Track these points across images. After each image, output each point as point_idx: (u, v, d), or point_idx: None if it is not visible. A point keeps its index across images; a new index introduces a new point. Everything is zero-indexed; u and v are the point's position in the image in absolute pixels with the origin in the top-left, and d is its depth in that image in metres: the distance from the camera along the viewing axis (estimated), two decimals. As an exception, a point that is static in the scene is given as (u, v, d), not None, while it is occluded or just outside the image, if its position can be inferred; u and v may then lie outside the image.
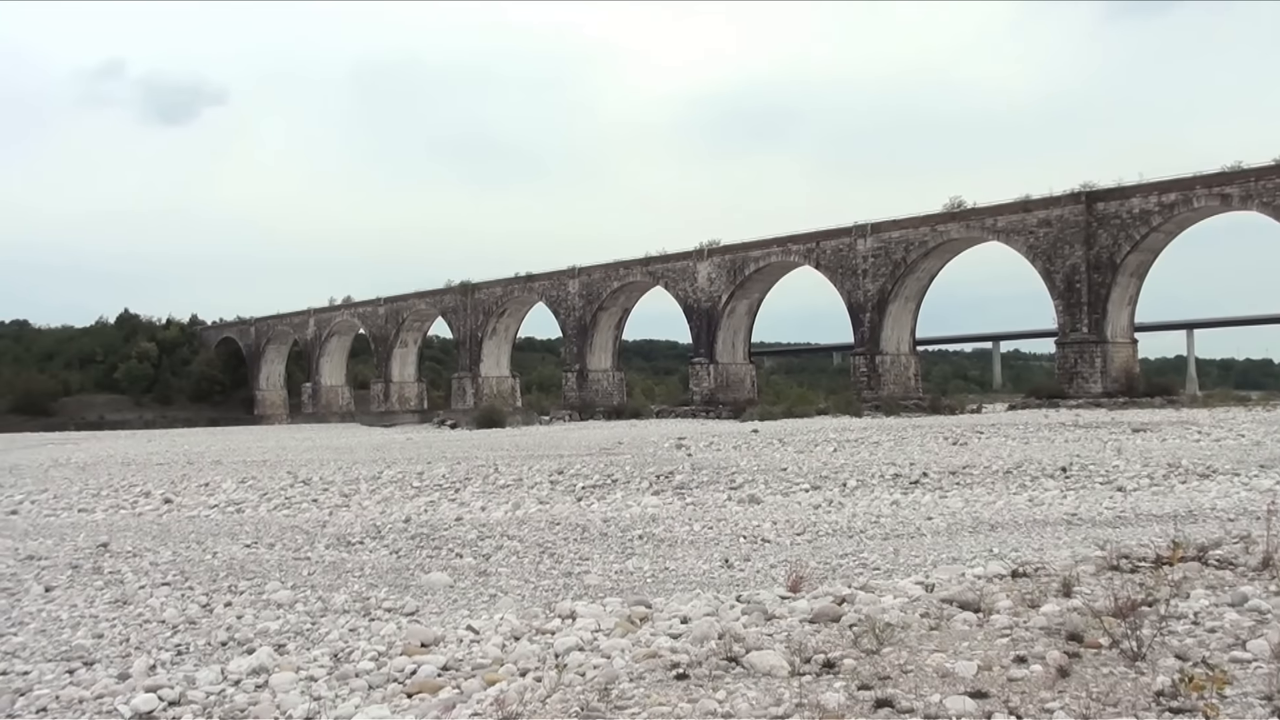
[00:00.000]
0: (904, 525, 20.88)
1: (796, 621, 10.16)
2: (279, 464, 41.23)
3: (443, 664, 10.33)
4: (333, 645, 12.00)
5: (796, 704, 7.44)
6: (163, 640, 13.21)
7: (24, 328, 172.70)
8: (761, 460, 33.11)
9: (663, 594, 14.10)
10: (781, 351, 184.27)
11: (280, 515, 26.52)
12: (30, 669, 11.97)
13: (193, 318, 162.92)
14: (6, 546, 22.05)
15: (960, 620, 9.51)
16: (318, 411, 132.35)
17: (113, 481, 36.52)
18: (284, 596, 15.66)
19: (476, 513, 25.57)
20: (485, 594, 15.64)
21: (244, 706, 9.67)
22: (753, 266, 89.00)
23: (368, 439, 68.04)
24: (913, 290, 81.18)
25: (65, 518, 27.57)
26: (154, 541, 22.17)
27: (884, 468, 29.61)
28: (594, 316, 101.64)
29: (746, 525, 21.68)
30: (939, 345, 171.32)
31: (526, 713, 7.95)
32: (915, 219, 79.07)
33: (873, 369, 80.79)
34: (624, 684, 8.34)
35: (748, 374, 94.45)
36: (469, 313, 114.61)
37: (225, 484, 33.61)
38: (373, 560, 19.25)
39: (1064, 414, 53.77)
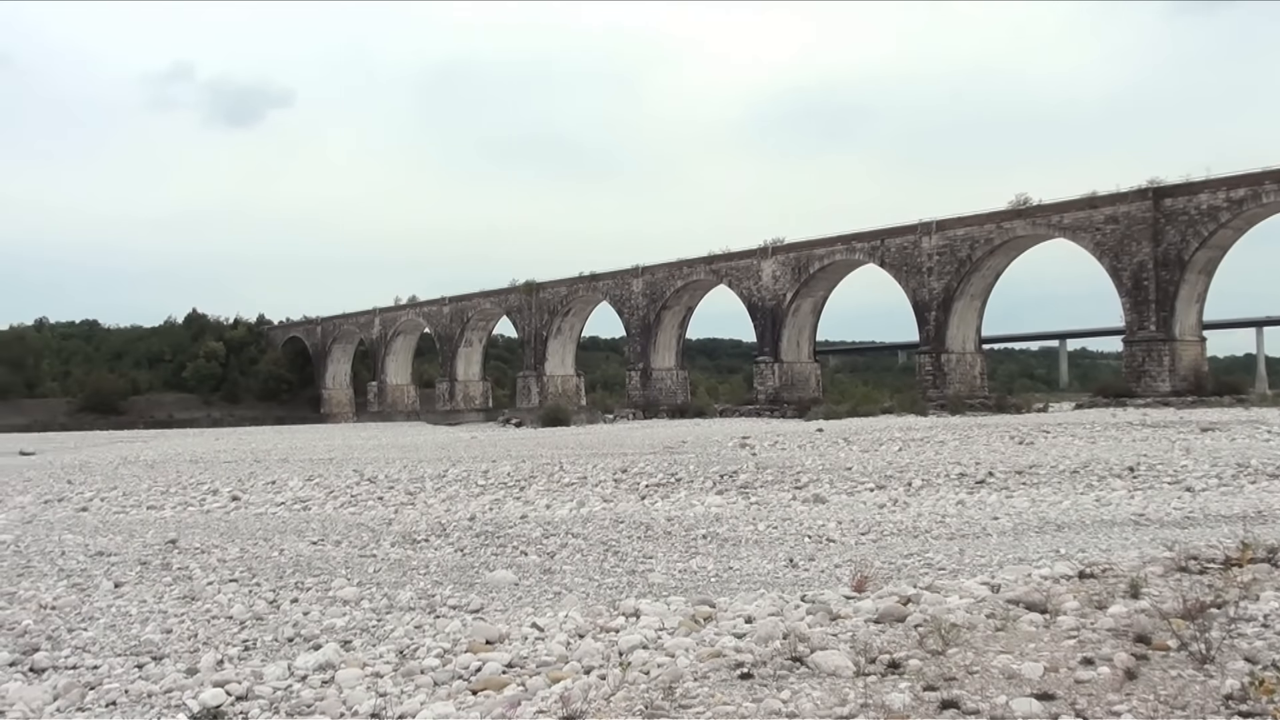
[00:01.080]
0: (969, 525, 20.75)
1: (861, 622, 10.13)
2: (345, 462, 41.47)
3: (507, 661, 10.36)
4: (398, 642, 12.05)
5: (861, 704, 7.42)
6: (230, 636, 13.32)
7: (94, 328, 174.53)
8: (826, 459, 33.00)
9: (727, 593, 14.09)
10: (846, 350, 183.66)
11: (346, 513, 26.68)
12: (100, 663, 12.11)
13: (260, 317, 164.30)
14: (77, 543, 22.31)
15: (1026, 621, 9.45)
16: (383, 410, 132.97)
17: (181, 479, 36.86)
18: (350, 593, 15.75)
19: (541, 511, 25.62)
20: (550, 592, 15.67)
21: (310, 702, 9.73)
22: (817, 264, 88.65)
23: (433, 437, 68.31)
24: (978, 288, 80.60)
25: (134, 515, 27.85)
26: (222, 538, 22.36)
27: (949, 467, 29.44)
28: (658, 315, 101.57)
29: (811, 525, 21.62)
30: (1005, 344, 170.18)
31: (591, 711, 7.96)
32: (980, 216, 78.45)
33: (938, 368, 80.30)
34: (688, 683, 8.34)
35: (812, 373, 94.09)
36: (534, 312, 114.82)
37: (292, 482, 33.84)
38: (438, 558, 19.32)
39: (1131, 413, 53.25)
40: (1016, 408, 70.11)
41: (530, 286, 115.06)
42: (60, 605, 15.64)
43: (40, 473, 43.00)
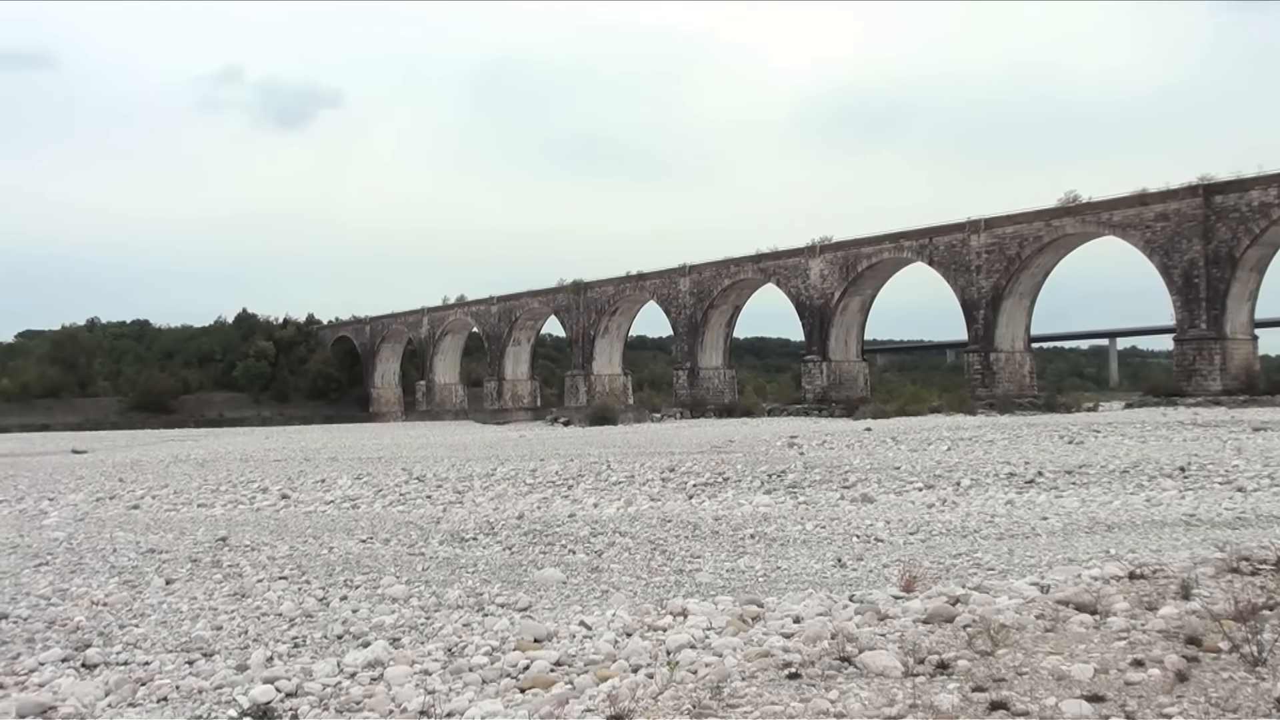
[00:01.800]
0: (1019, 525, 20.63)
1: (910, 622, 10.11)
2: (394, 461, 41.64)
3: (555, 659, 10.37)
4: (447, 640, 12.08)
5: (910, 705, 7.41)
6: (280, 633, 13.38)
7: (145, 327, 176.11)
8: (874, 459, 32.91)
9: (775, 593, 14.06)
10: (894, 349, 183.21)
11: (395, 511, 26.76)
12: (151, 659, 12.18)
13: (309, 317, 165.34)
14: (128, 540, 22.46)
15: (1076, 622, 9.41)
16: (432, 409, 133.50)
17: (231, 477, 37.10)
18: (399, 591, 15.80)
19: (589, 509, 25.63)
20: (597, 590, 15.68)
21: (359, 699, 9.77)
22: (865, 263, 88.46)
23: (481, 436, 68.50)
24: (1027, 286, 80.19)
25: (185, 513, 28.02)
26: (271, 536, 22.48)
27: (998, 466, 29.30)
28: (705, 314, 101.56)
29: (859, 524, 21.54)
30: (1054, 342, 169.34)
31: (639, 709, 7.97)
32: (1029, 214, 78.02)
33: (987, 366, 79.98)
34: (736, 682, 8.34)
35: (860, 372, 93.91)
36: (581, 311, 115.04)
37: (341, 480, 34.01)
38: (486, 556, 19.36)
39: (1182, 412, 52.85)
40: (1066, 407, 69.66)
41: (578, 286, 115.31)
42: (112, 602, 15.75)
43: (92, 471, 43.34)
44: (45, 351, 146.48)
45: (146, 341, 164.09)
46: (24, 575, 18.42)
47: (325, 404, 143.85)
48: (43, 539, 23.09)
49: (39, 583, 17.57)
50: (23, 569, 19.08)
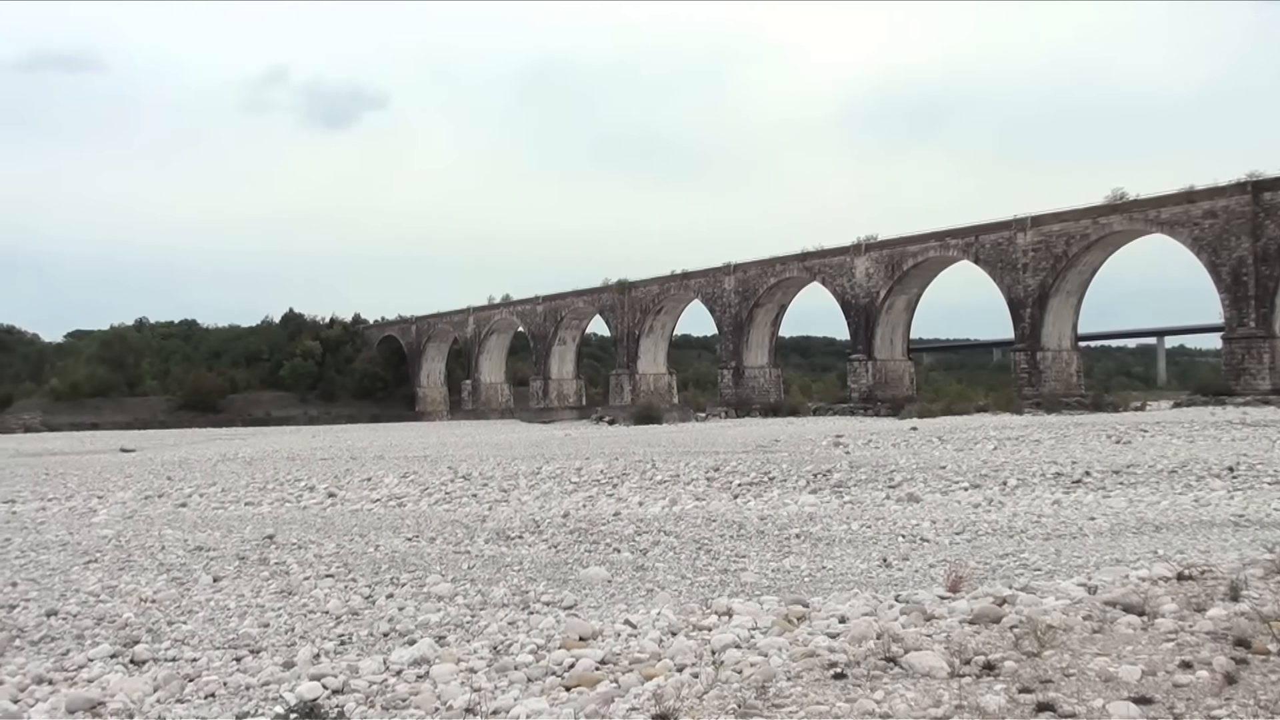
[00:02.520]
0: (1065, 525, 20.53)
1: (956, 622, 10.07)
2: (439, 460, 41.75)
3: (600, 658, 10.38)
4: (492, 638, 12.11)
5: (956, 706, 7.38)
6: (326, 630, 13.46)
7: (192, 327, 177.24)
8: (920, 458, 32.80)
9: (820, 593, 14.05)
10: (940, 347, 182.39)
11: (441, 510, 26.84)
12: (199, 656, 12.28)
13: (355, 316, 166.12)
14: (176, 538, 22.63)
15: (1124, 623, 9.35)
16: (477, 408, 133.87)
17: (278, 476, 37.30)
18: (445, 589, 15.86)
19: (634, 508, 25.65)
20: (642, 589, 15.70)
21: (405, 696, 9.81)
22: (910, 261, 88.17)
23: (526, 435, 68.61)
24: (1074, 284, 79.72)
25: (233, 511, 28.20)
26: (318, 534, 22.60)
27: (1045, 466, 29.15)
28: (750, 313, 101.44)
29: (905, 524, 21.49)
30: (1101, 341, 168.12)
31: (684, 708, 7.97)
32: (1076, 211, 77.58)
33: (1033, 365, 79.56)
34: (781, 682, 8.33)
35: (906, 371, 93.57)
36: (626, 310, 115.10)
37: (387, 479, 34.12)
38: (531, 554, 19.40)
39: (1231, 411, 52.45)
40: (1113, 406, 69.28)
41: (623, 285, 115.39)
42: (160, 599, 15.88)
43: (140, 469, 43.67)
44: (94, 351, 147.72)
45: (194, 341, 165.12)
46: (73, 572, 18.60)
47: (371, 403, 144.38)
48: (92, 536, 23.30)
49: (88, 580, 17.73)
50: (72, 566, 19.26)
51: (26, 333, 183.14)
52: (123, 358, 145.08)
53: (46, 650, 12.86)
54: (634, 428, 75.08)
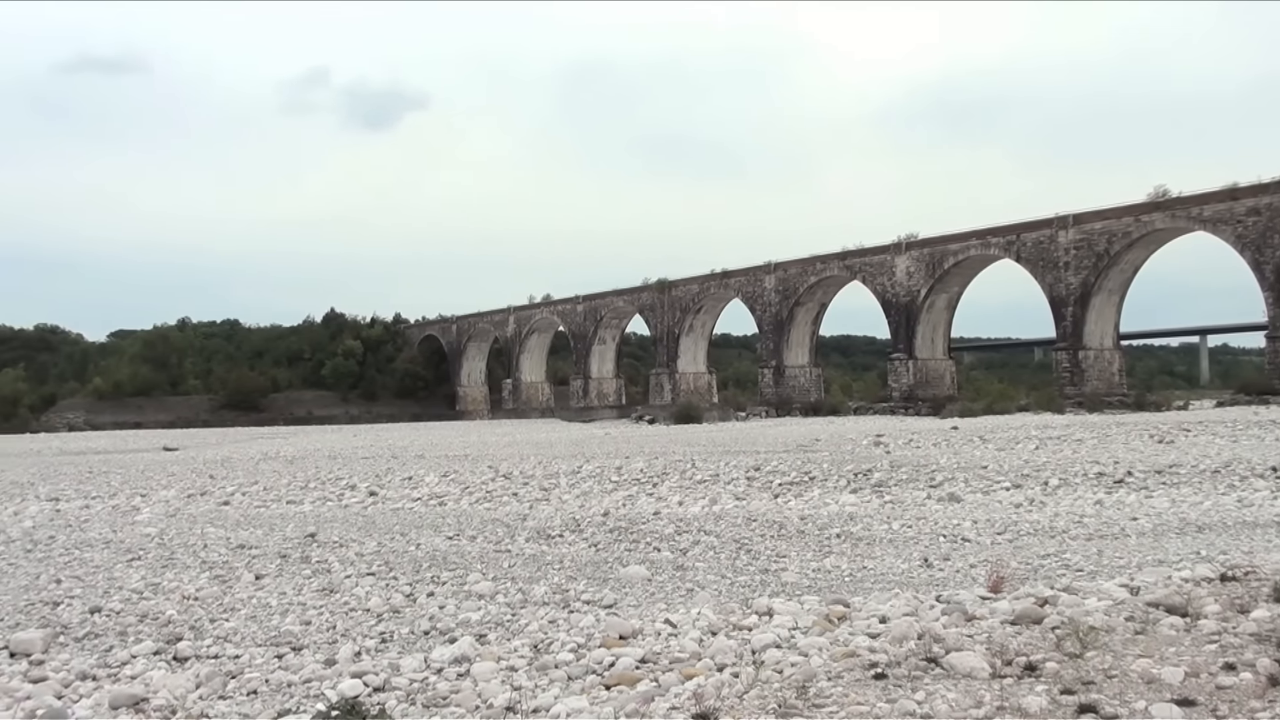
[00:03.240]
0: (1108, 525, 20.42)
1: (997, 623, 10.04)
2: (480, 458, 41.83)
3: (640, 657, 10.39)
4: (533, 636, 12.13)
5: (997, 707, 7.36)
6: (368, 628, 13.50)
7: (235, 327, 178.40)
8: (961, 458, 32.68)
9: (861, 593, 14.02)
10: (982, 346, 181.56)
11: (481, 508, 26.89)
12: (241, 653, 12.34)
13: (396, 316, 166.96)
14: (219, 536, 22.75)
15: (1166, 625, 9.31)
16: (518, 407, 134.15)
17: (320, 474, 37.43)
18: (485, 588, 15.88)
19: (674, 507, 25.64)
20: (682, 588, 15.68)
21: (446, 694, 9.84)
22: (951, 260, 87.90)
23: (567, 434, 68.69)
24: (1116, 283, 79.26)
25: (274, 509, 28.32)
26: (359, 533, 22.66)
27: (1087, 466, 29.00)
28: (790, 312, 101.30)
29: (946, 524, 21.41)
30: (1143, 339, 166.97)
31: (724, 708, 7.97)
32: (1118, 209, 77.16)
33: (1075, 364, 79.17)
34: (822, 682, 8.32)
35: (947, 370, 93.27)
36: (666, 310, 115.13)
37: (428, 477, 34.20)
38: (572, 553, 19.41)
39: (1275, 411, 52.05)
40: (1156, 405, 68.89)
41: (662, 284, 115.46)
42: (203, 596, 15.96)
43: (183, 468, 43.92)
44: (137, 351, 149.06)
45: (236, 341, 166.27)
46: (117, 570, 18.72)
47: (412, 402, 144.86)
48: (135, 534, 23.45)
49: (131, 577, 17.84)
50: (115, 564, 19.39)
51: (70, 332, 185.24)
52: (165, 357, 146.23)
53: (90, 647, 12.94)
54: (674, 427, 75.07)
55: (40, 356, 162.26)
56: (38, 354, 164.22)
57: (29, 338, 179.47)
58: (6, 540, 23.06)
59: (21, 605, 15.61)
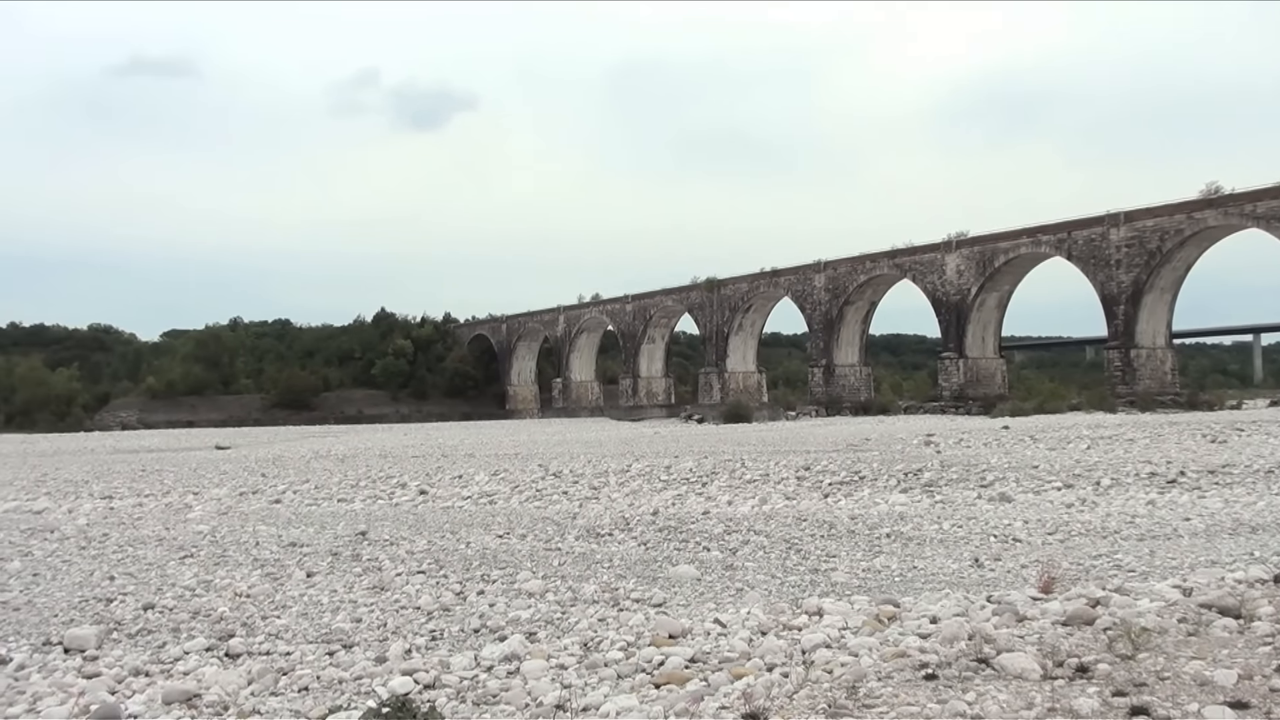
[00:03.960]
0: (1160, 526, 20.27)
1: (1048, 624, 9.99)
2: (530, 457, 41.91)
3: (690, 656, 10.40)
4: (582, 634, 12.16)
5: (1048, 708, 7.33)
6: (418, 626, 13.54)
7: (286, 327, 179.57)
8: (1012, 457, 32.52)
9: (911, 593, 13.97)
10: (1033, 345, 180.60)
11: (531, 507, 26.94)
12: (293, 650, 12.41)
13: (446, 315, 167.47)
14: (270, 534, 22.88)
15: (1219, 627, 9.24)
16: (567, 406, 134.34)
17: (370, 473, 37.58)
18: (535, 586, 15.91)
19: (723, 507, 25.60)
20: (732, 588, 15.66)
21: (496, 692, 9.88)
22: (1002, 258, 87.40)
23: (616, 433, 68.74)
24: (1168, 281, 78.60)
25: (325, 507, 28.44)
26: (410, 531, 22.74)
27: (1139, 466, 28.81)
28: (840, 311, 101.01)
29: (997, 524, 21.30)
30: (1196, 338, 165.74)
31: (774, 708, 7.97)
32: (1170, 206, 76.49)
33: (1127, 363, 78.61)
34: (872, 682, 8.31)
35: (998, 369, 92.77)
36: (715, 309, 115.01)
37: (478, 476, 34.28)
38: (621, 552, 19.42)
39: (1331, 410, 51.59)
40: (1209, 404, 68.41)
41: (711, 283, 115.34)
42: (254, 594, 16.05)
43: (235, 466, 44.18)
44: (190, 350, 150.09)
45: (288, 340, 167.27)
46: (170, 567, 18.85)
47: (462, 401, 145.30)
48: (188, 532, 23.62)
49: (184, 574, 17.97)
50: (168, 561, 19.53)
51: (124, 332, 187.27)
52: (217, 357, 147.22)
53: (143, 643, 13.04)
54: (723, 426, 75.00)
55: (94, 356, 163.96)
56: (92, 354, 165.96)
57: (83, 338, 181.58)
58: (61, 537, 23.28)
59: (76, 601, 15.76)
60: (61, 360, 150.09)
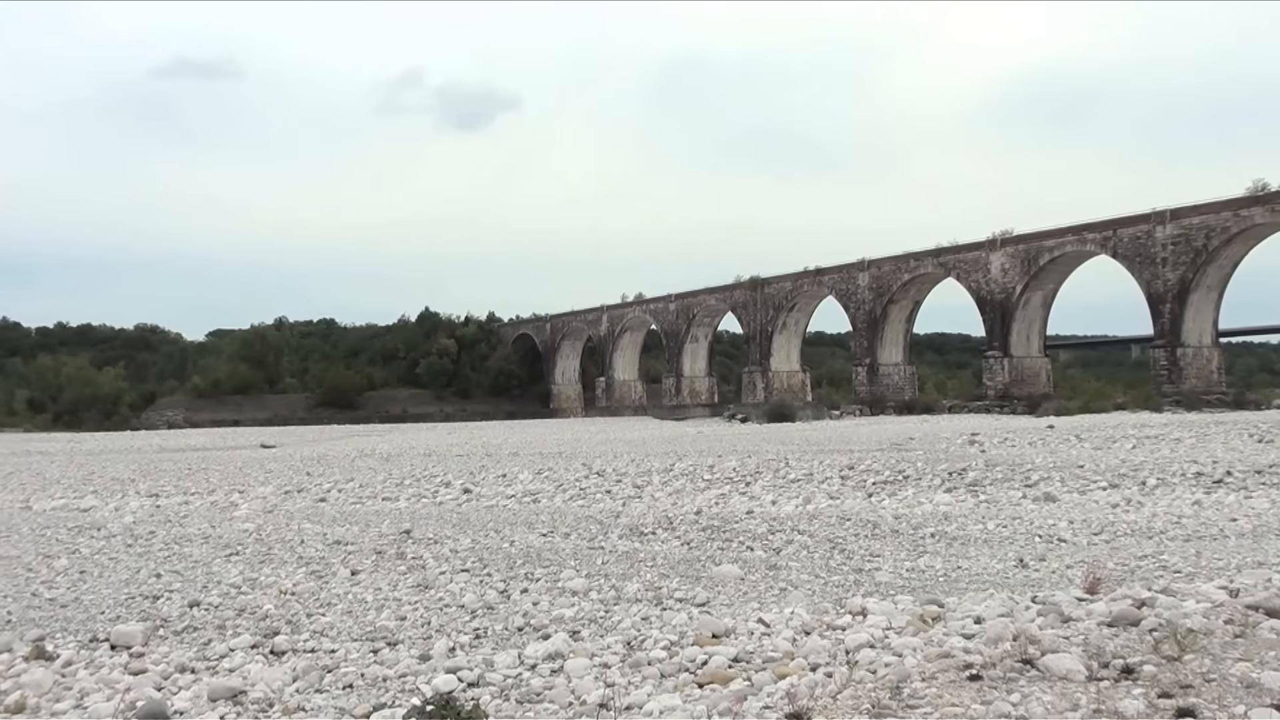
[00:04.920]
0: (1206, 526, 20.14)
1: (1094, 624, 9.94)
2: (574, 456, 41.98)
3: (733, 655, 10.40)
4: (625, 633, 12.18)
5: (1094, 710, 7.31)
6: (462, 624, 13.58)
7: (331, 326, 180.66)
8: (1057, 457, 32.37)
9: (955, 593, 13.93)
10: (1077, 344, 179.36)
11: (575, 505, 26.98)
12: (337, 647, 12.47)
13: (490, 315, 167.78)
14: (315, 532, 23.00)
15: (1267, 628, 9.18)
16: (611, 405, 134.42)
17: (414, 472, 37.71)
18: (579, 584, 15.94)
19: (767, 506, 25.59)
20: (775, 588, 15.64)
21: (540, 690, 9.91)
22: (1047, 256, 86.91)
23: (659, 432, 68.76)
24: (1214, 278, 77.97)
25: (370, 506, 28.55)
26: (454, 529, 22.80)
27: (1185, 465, 28.64)
28: (884, 309, 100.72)
29: (1041, 524, 21.21)
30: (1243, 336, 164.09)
31: (817, 708, 7.97)
32: (1216, 203, 75.86)
33: (1173, 362, 78.04)
34: (915, 683, 8.30)
35: (1043, 368, 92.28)
36: (758, 307, 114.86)
37: (522, 475, 34.36)
38: (664, 551, 19.43)
39: (1381, 410, 51.15)
40: (1256, 404, 67.88)
41: (755, 282, 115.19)
42: (299, 591, 16.14)
43: (280, 465, 44.43)
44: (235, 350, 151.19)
45: (332, 340, 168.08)
46: (215, 565, 18.98)
47: (506, 400, 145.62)
48: (233, 530, 23.77)
49: (229, 572, 18.09)
50: (214, 558, 19.67)
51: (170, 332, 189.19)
52: (263, 356, 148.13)
53: (189, 640, 13.13)
54: (767, 425, 74.89)
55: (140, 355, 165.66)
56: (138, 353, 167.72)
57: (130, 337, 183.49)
58: (108, 535, 23.48)
59: (122, 599, 15.90)
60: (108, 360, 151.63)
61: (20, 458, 57.84)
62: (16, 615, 14.91)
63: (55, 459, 55.50)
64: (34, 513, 29.23)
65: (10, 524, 26.13)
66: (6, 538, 23.51)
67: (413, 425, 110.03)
